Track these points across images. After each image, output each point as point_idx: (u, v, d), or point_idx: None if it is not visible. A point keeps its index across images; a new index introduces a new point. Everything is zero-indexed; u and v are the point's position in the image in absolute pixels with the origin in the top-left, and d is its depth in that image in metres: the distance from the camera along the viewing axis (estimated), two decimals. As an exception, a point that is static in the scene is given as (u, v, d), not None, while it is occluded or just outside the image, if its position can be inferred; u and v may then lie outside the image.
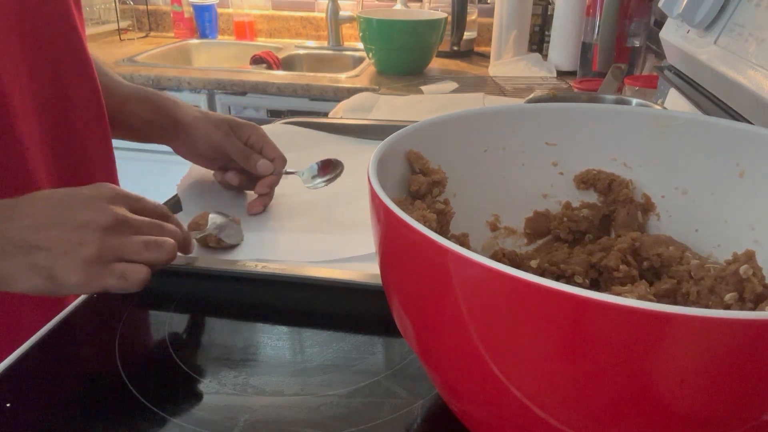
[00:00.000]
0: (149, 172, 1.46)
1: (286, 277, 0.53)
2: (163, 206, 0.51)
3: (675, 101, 0.83)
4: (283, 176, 0.67)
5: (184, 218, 0.63)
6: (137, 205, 0.48)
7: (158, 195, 0.68)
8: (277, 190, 0.72)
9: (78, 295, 0.52)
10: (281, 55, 1.81)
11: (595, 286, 0.41)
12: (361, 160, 0.55)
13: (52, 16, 0.60)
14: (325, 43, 1.98)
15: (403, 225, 0.28)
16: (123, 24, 2.08)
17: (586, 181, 0.45)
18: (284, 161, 0.66)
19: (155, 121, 0.67)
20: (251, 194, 0.69)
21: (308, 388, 0.42)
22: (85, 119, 0.65)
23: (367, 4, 1.97)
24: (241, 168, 0.66)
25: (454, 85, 1.44)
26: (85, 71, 0.65)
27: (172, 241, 0.47)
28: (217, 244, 0.56)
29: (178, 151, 0.69)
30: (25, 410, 0.40)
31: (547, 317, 0.24)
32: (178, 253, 0.56)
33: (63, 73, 0.62)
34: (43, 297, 0.60)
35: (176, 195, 0.68)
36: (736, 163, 0.40)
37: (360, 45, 1.73)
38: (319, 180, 0.65)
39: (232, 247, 0.57)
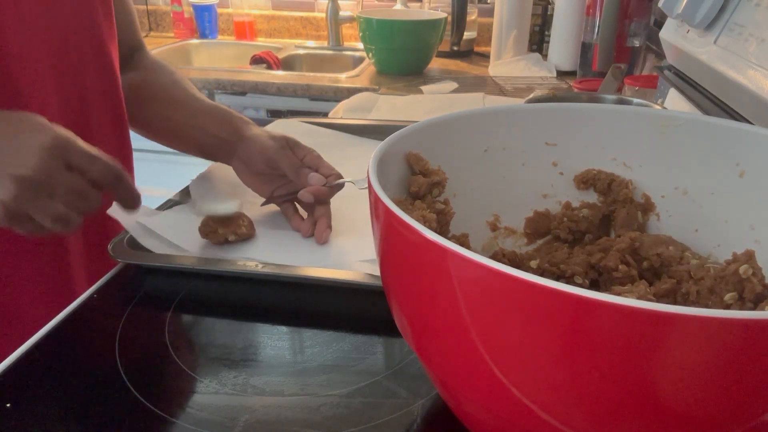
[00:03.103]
0: (163, 173, 1.45)
1: (286, 277, 0.53)
2: (113, 167, 0.50)
3: (675, 101, 0.83)
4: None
5: (188, 209, 0.63)
6: (79, 160, 0.48)
7: (164, 193, 0.69)
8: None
9: (78, 294, 0.52)
10: (281, 55, 1.81)
11: (594, 286, 0.41)
12: (361, 161, 0.55)
13: (79, 25, 0.62)
14: (325, 43, 1.98)
15: (403, 225, 0.28)
16: (123, 24, 2.08)
17: (586, 181, 0.45)
18: (339, 177, 0.63)
19: (221, 136, 0.67)
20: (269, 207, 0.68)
21: (308, 388, 0.42)
22: (103, 119, 0.67)
23: (367, 4, 1.96)
24: (293, 192, 0.64)
25: (454, 85, 1.43)
26: (106, 74, 0.66)
27: (79, 219, 0.49)
28: (231, 238, 0.57)
29: (237, 169, 0.68)
30: (25, 410, 0.40)
31: (547, 317, 0.24)
32: (178, 255, 0.56)
33: (85, 74, 0.64)
34: (45, 295, 0.60)
35: (187, 187, 0.68)
36: (736, 163, 0.40)
37: (360, 45, 1.73)
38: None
39: (245, 240, 0.58)
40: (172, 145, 0.73)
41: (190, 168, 0.76)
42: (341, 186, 0.62)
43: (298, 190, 0.61)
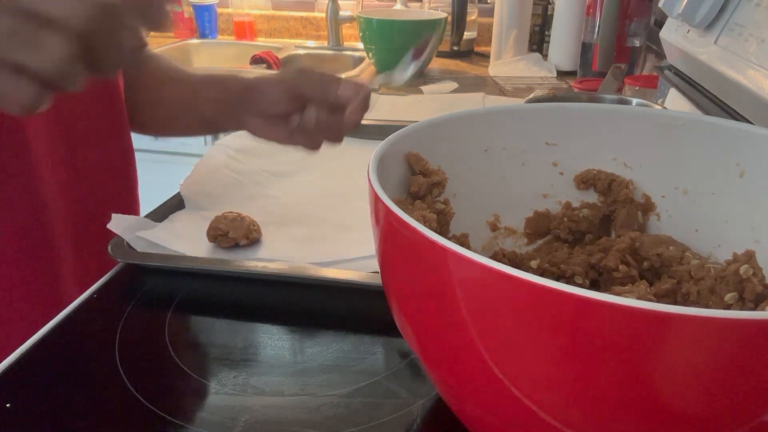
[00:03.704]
0: (157, 173, 1.45)
1: (286, 277, 0.53)
2: None
3: (675, 101, 0.83)
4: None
5: (186, 216, 0.63)
6: None
7: (164, 194, 0.68)
8: (275, 191, 0.72)
9: (78, 295, 0.52)
10: (281, 55, 1.81)
11: (595, 286, 0.41)
12: (361, 160, 0.55)
13: None
14: (325, 43, 1.98)
15: (404, 225, 0.28)
16: (123, 24, 2.08)
17: (586, 181, 0.45)
18: (366, 86, 0.56)
19: (229, 94, 0.62)
20: (260, 197, 0.69)
21: (308, 388, 0.42)
22: (99, 112, 0.64)
23: (367, 4, 1.96)
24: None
25: (454, 85, 1.43)
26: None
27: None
28: (243, 242, 0.57)
29: (255, 126, 0.60)
30: (25, 410, 0.40)
31: (547, 317, 0.24)
32: (178, 255, 0.56)
33: None
34: (42, 296, 0.60)
35: (178, 193, 0.68)
36: (737, 163, 0.40)
37: (360, 45, 1.73)
38: (411, 67, 0.56)
39: (247, 245, 0.58)
40: (173, 128, 0.70)
41: (180, 167, 0.76)
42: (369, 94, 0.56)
43: (312, 122, 0.56)
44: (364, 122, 0.92)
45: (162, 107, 0.69)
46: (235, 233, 0.56)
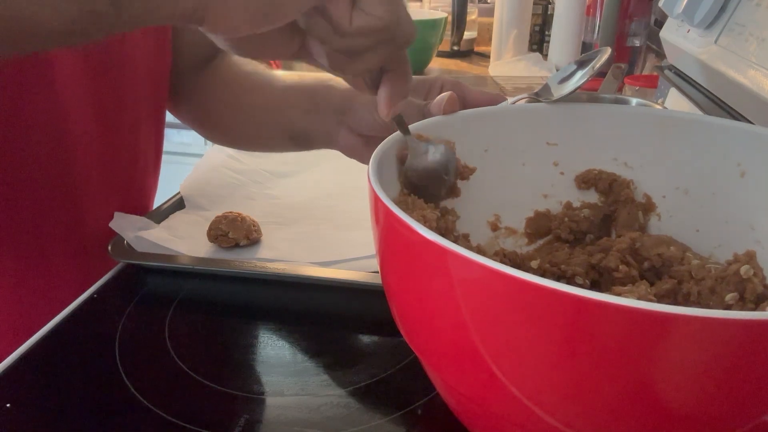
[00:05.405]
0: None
1: (286, 277, 0.53)
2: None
3: (675, 101, 0.83)
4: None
5: (187, 216, 0.63)
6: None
7: (164, 194, 0.68)
8: (275, 191, 0.72)
9: (78, 294, 0.52)
10: (281, 55, 1.80)
11: (595, 286, 0.41)
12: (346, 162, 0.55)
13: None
14: (325, 43, 1.98)
15: (403, 225, 0.28)
16: (123, 24, 2.07)
17: (587, 181, 0.45)
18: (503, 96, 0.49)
19: (316, 110, 0.55)
20: (260, 197, 0.69)
21: (308, 388, 0.42)
22: (137, 82, 0.60)
23: (367, 3, 1.96)
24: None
25: (455, 85, 1.43)
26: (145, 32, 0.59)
27: None
28: (243, 242, 0.57)
29: (340, 140, 0.54)
30: (25, 410, 0.40)
31: (548, 317, 0.24)
32: (178, 254, 0.55)
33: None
34: (42, 296, 0.60)
35: (179, 193, 0.68)
36: (737, 163, 0.40)
37: (360, 45, 1.73)
38: (578, 76, 0.46)
39: (247, 246, 0.58)
40: (258, 140, 0.64)
41: (189, 168, 0.76)
42: None
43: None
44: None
45: (246, 116, 0.63)
46: (236, 233, 0.56)
